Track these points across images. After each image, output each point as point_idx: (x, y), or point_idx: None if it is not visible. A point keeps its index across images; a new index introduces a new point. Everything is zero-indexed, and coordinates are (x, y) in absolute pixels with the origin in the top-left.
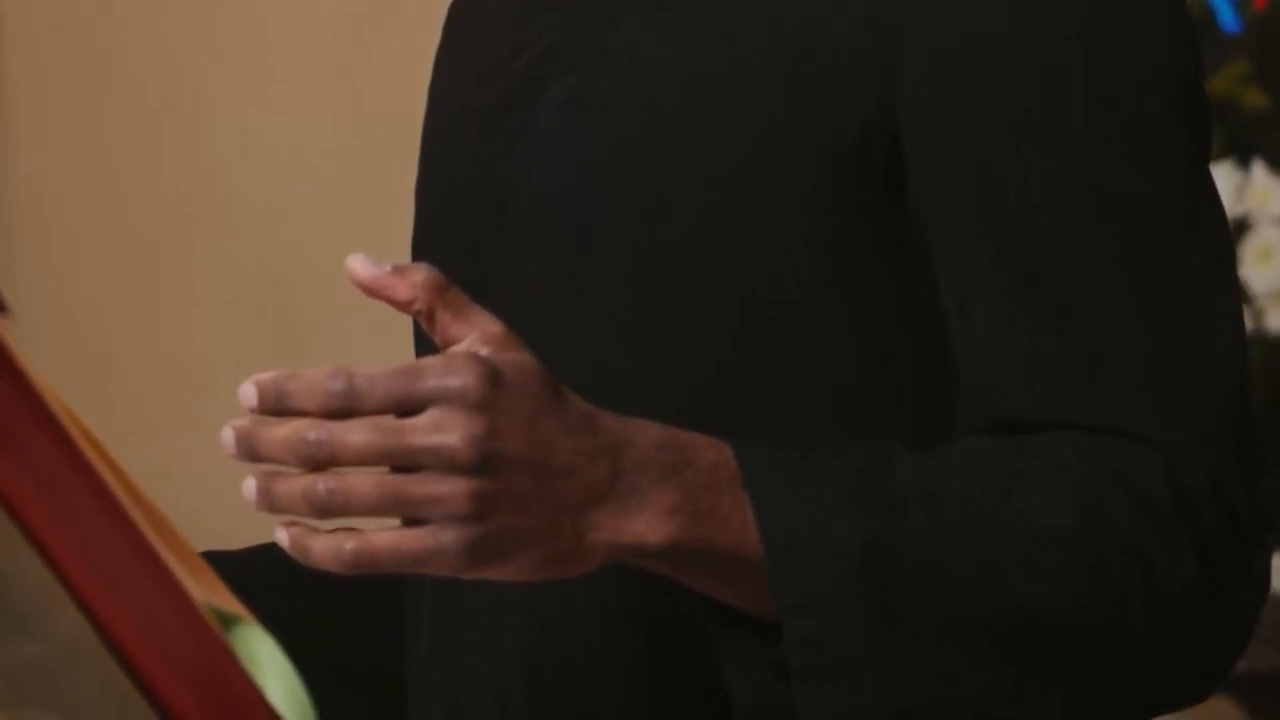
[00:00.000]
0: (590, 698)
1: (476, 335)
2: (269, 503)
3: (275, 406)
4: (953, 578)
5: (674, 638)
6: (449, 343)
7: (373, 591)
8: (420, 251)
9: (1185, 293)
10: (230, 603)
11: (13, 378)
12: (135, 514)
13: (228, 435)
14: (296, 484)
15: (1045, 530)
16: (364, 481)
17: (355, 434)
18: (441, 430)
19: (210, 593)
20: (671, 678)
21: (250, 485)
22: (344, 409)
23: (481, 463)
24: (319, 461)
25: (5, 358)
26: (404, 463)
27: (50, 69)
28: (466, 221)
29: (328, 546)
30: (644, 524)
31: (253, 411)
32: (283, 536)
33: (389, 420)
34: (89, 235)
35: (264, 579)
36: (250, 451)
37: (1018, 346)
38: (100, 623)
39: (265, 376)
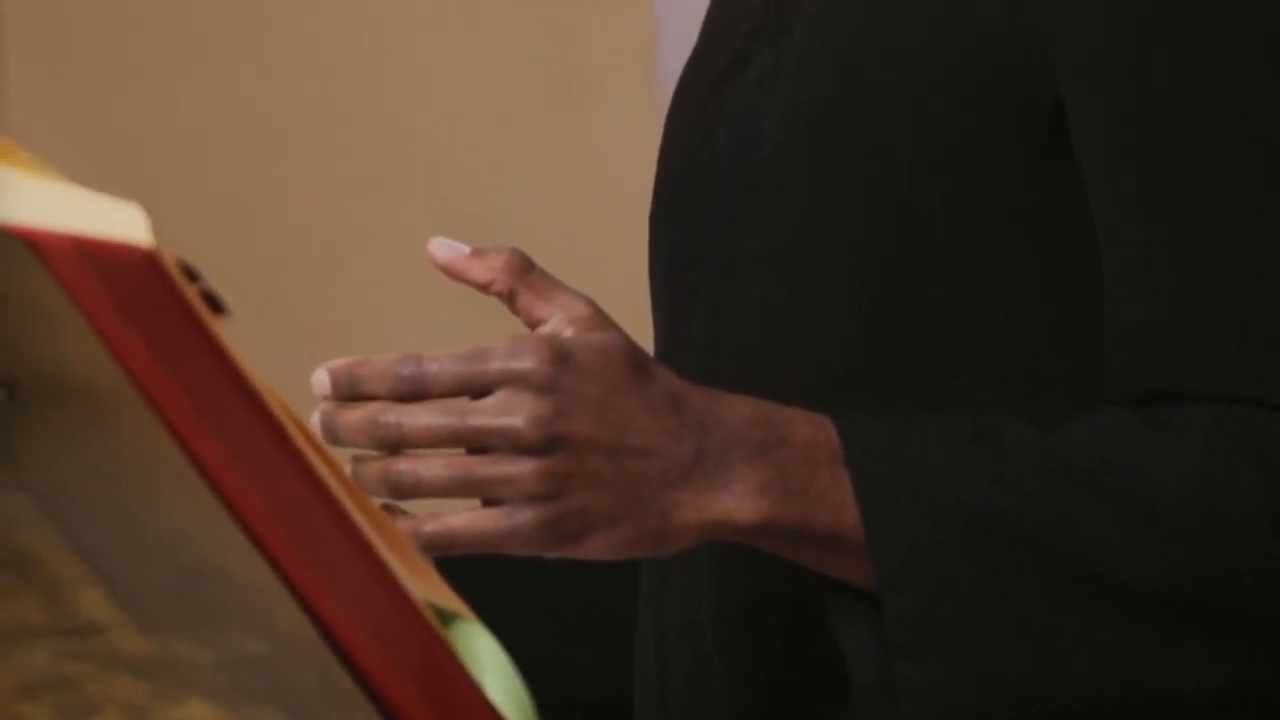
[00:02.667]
0: (763, 644)
1: (562, 316)
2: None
3: (349, 392)
4: (1061, 552)
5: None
6: (534, 324)
7: None
8: (651, 223)
9: None
10: (449, 598)
11: (232, 376)
12: (352, 508)
13: (315, 419)
14: (375, 466)
15: (1165, 505)
16: (436, 462)
17: (424, 416)
18: (507, 412)
19: (429, 588)
20: (823, 636)
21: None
22: (413, 392)
23: (548, 443)
24: (390, 443)
25: (225, 357)
26: (472, 444)
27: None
28: (682, 195)
29: (407, 528)
30: (733, 501)
31: (327, 398)
32: None
33: (458, 402)
34: (260, 186)
35: None
36: (331, 436)
37: (1160, 317)
38: (320, 618)
39: (338, 363)
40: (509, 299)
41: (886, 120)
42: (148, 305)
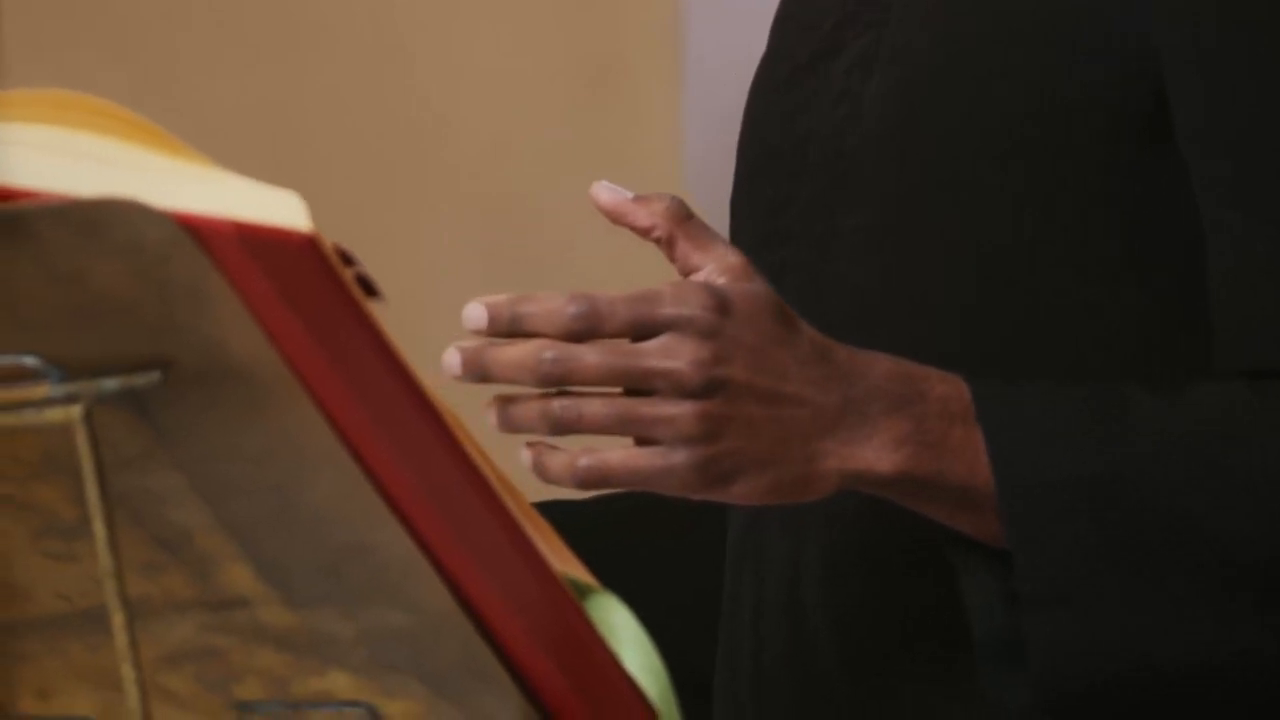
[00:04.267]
0: (870, 603)
1: (714, 265)
2: (507, 422)
3: (509, 329)
4: (1185, 513)
5: (932, 555)
6: (688, 271)
7: (699, 525)
8: (734, 202)
9: None
10: (582, 573)
11: (388, 359)
12: (498, 486)
13: (453, 358)
14: (533, 403)
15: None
16: (598, 400)
17: (591, 355)
18: (671, 355)
19: (564, 563)
20: (929, 593)
21: (491, 410)
22: (584, 331)
23: (707, 386)
24: (555, 380)
25: (378, 337)
26: (635, 384)
27: None
28: (770, 177)
29: (564, 462)
30: (873, 452)
31: (479, 334)
32: (525, 455)
33: (622, 343)
34: (286, 177)
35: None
36: (481, 372)
37: (1266, 295)
38: (465, 593)
39: (497, 299)
40: (667, 245)
41: (985, 105)
42: (307, 290)
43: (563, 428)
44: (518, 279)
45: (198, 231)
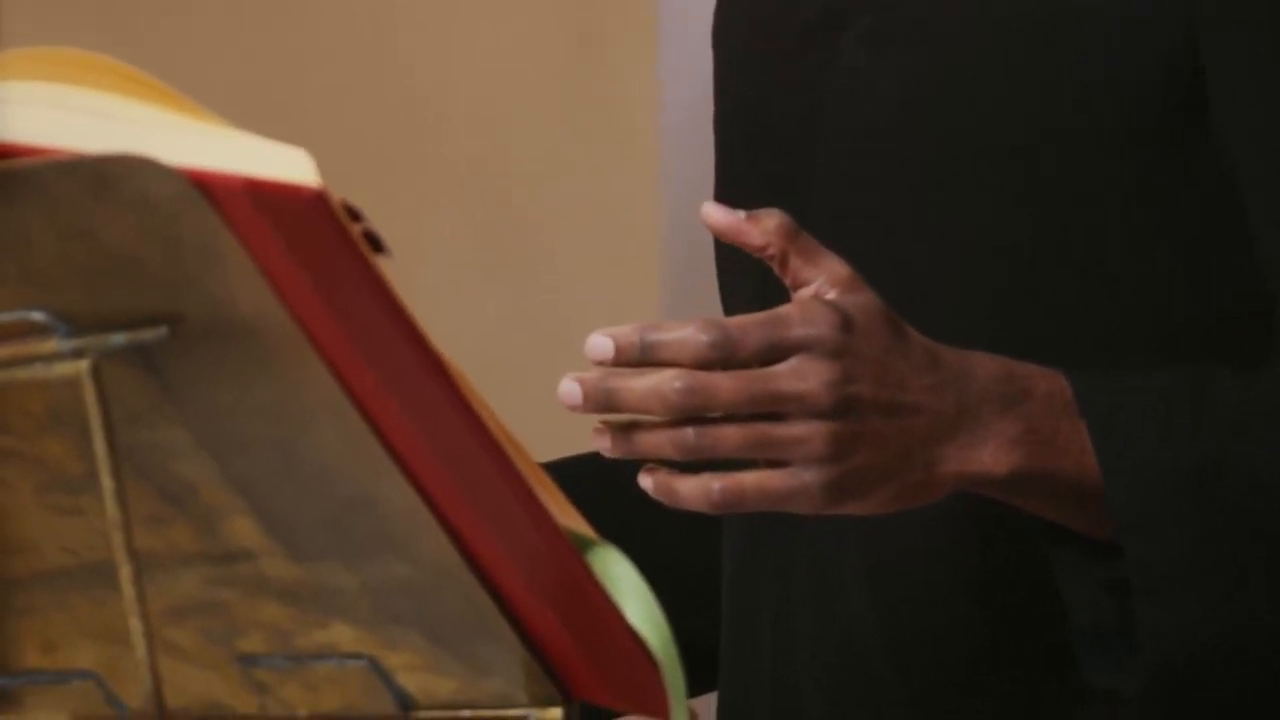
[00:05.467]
0: (930, 612)
1: (825, 278)
2: (630, 449)
3: (639, 360)
4: (1275, 502)
5: (1012, 552)
6: (799, 286)
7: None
8: (725, 183)
9: None
10: (584, 526)
11: (395, 314)
12: (503, 441)
13: (572, 389)
14: (661, 431)
15: None
16: (732, 426)
17: (727, 382)
18: (802, 378)
19: (566, 517)
20: (1011, 592)
21: (605, 437)
22: (719, 360)
23: (838, 407)
24: (692, 410)
25: (386, 293)
26: (768, 409)
27: None
28: (770, 155)
29: (696, 487)
30: (989, 454)
31: (603, 364)
32: (647, 482)
33: (752, 370)
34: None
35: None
36: (607, 403)
37: None
38: (469, 546)
39: (622, 330)
40: (780, 261)
41: (1013, 89)
42: (316, 246)
43: (697, 455)
44: (498, 245)
45: (208, 187)
